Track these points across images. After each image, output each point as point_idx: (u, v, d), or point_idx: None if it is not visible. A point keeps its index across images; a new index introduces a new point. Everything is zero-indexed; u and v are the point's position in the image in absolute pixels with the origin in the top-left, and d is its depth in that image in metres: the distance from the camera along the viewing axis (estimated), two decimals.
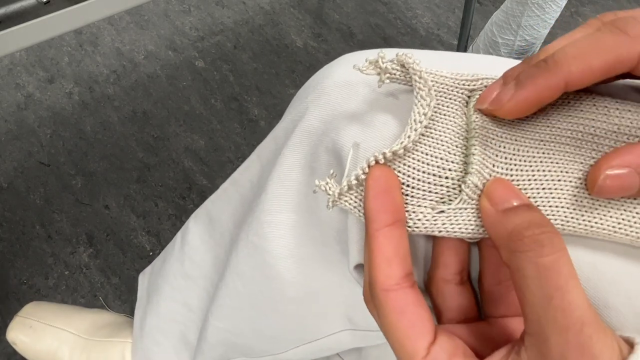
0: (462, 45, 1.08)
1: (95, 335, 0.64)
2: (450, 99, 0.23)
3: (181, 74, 1.15)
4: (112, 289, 0.84)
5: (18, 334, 0.62)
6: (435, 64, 0.25)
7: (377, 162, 0.21)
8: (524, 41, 1.03)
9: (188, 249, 0.50)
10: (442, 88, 0.22)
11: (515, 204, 0.20)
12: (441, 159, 0.22)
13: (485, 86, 0.22)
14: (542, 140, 0.21)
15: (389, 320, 0.20)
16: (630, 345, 0.17)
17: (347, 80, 0.30)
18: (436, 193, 0.22)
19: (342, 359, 0.44)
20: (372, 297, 0.20)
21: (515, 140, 0.22)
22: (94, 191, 0.94)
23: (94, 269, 0.86)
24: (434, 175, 0.22)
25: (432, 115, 0.22)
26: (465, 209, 0.21)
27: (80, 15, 0.51)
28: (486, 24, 1.10)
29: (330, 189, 0.23)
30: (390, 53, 0.24)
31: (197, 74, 1.15)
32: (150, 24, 1.24)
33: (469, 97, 0.23)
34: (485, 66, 0.29)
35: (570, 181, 0.21)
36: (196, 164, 1.00)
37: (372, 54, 0.32)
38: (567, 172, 0.21)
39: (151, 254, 0.89)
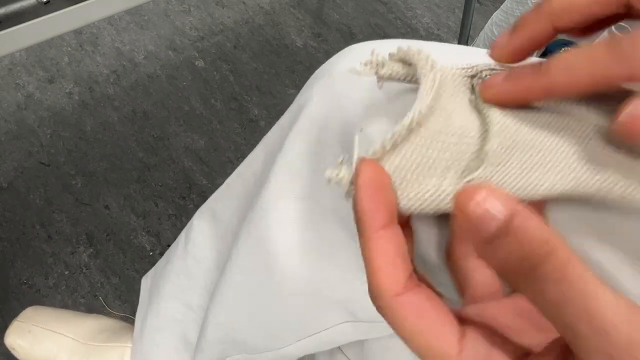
0: (462, 45, 1.08)
1: (94, 340, 0.64)
2: (454, 82, 0.22)
3: (181, 74, 1.15)
4: (112, 289, 0.84)
5: (16, 339, 0.62)
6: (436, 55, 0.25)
7: (393, 140, 0.19)
8: None
9: (191, 247, 0.50)
10: (446, 73, 0.22)
11: (494, 226, 0.15)
12: (459, 126, 0.20)
13: (484, 72, 0.22)
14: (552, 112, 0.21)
15: (408, 327, 0.18)
16: None
17: (353, 69, 0.30)
18: (459, 161, 0.20)
19: (343, 352, 0.43)
20: (382, 306, 0.19)
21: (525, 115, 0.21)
22: (94, 191, 0.94)
23: (94, 269, 0.86)
24: (454, 143, 0.20)
25: (438, 92, 0.21)
26: (488, 177, 0.20)
27: (80, 15, 0.51)
28: (486, 24, 1.10)
29: (342, 178, 0.21)
30: (390, 46, 0.24)
31: (197, 74, 1.15)
32: (150, 24, 1.24)
33: (472, 85, 0.22)
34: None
35: (583, 136, 0.20)
36: (196, 164, 1.00)
37: (379, 45, 0.32)
38: (579, 130, 0.20)
39: (151, 254, 0.89)
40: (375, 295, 0.19)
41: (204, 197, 0.96)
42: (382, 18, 1.34)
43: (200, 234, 0.49)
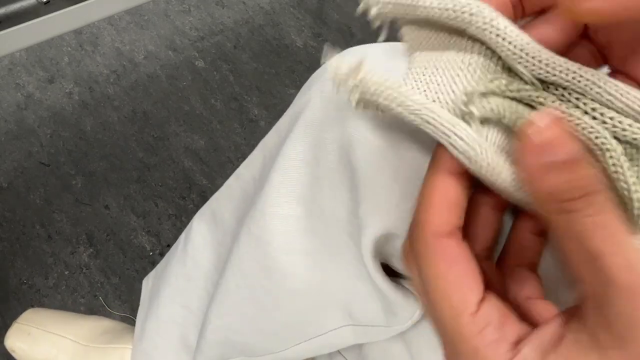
0: None
1: (94, 341, 0.63)
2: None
3: (181, 74, 1.15)
4: (112, 289, 0.84)
5: (16, 341, 0.62)
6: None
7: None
8: None
9: (191, 249, 0.50)
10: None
11: (561, 157, 0.16)
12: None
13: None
14: None
15: (437, 269, 0.18)
16: None
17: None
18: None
19: (343, 356, 0.43)
20: (416, 244, 0.18)
21: None
22: (94, 191, 0.94)
23: (94, 269, 0.86)
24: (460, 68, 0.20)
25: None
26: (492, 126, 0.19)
27: (80, 15, 0.51)
28: None
29: (339, 67, 0.20)
30: (383, 48, 0.23)
31: (197, 74, 1.15)
32: (150, 24, 1.24)
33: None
34: None
35: None
36: (196, 164, 1.00)
37: (375, 48, 0.32)
38: None
39: (151, 254, 0.89)
40: (419, 229, 0.19)
41: (204, 197, 0.96)
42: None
43: (200, 235, 0.49)
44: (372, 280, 0.29)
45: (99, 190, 0.94)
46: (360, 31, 1.29)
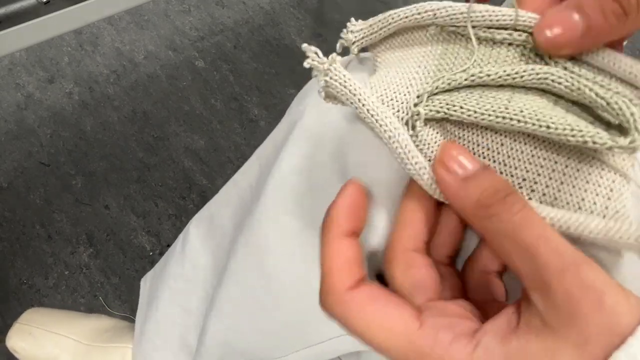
0: None
1: (96, 340, 0.64)
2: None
3: (181, 74, 1.15)
4: (112, 289, 0.84)
5: (18, 341, 0.62)
6: None
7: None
8: None
9: (189, 252, 0.50)
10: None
11: (472, 169, 0.19)
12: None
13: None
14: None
15: (364, 314, 0.19)
16: None
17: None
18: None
19: None
20: (334, 302, 0.20)
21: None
22: (94, 191, 0.94)
23: (94, 269, 0.86)
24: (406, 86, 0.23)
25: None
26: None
27: (80, 15, 0.51)
28: None
29: (319, 64, 0.23)
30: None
31: (197, 74, 1.15)
32: (150, 24, 1.24)
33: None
34: None
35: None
36: (196, 164, 1.00)
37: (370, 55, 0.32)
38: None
39: (151, 254, 0.89)
40: (327, 290, 0.20)
41: (204, 197, 0.96)
42: None
43: (198, 238, 0.49)
44: None
45: (99, 190, 0.94)
46: None
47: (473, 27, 0.22)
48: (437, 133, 0.23)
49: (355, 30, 0.27)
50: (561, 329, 0.16)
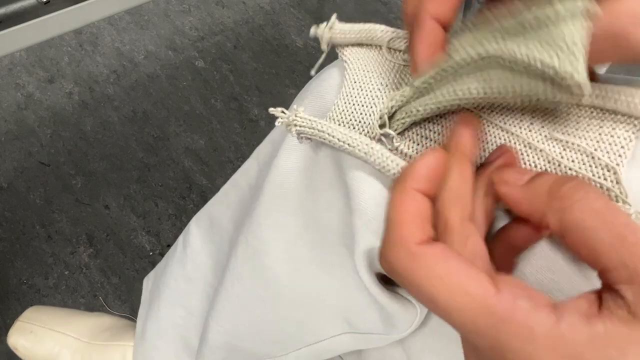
0: None
1: (97, 338, 0.64)
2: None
3: (181, 74, 1.15)
4: (112, 289, 0.84)
5: (19, 339, 0.62)
6: None
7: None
8: None
9: (190, 252, 0.50)
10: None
11: (528, 174, 0.19)
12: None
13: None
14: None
15: (438, 270, 0.17)
16: None
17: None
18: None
19: (342, 358, 0.44)
20: (403, 256, 0.18)
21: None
22: (94, 191, 0.94)
23: (94, 269, 0.86)
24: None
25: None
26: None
27: (80, 15, 0.51)
28: None
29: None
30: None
31: (197, 74, 1.15)
32: (150, 24, 1.24)
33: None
34: None
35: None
36: (196, 164, 1.00)
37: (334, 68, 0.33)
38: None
39: (151, 254, 0.89)
40: (394, 242, 0.19)
41: (204, 197, 0.96)
42: (382, 18, 1.34)
43: (198, 239, 0.49)
44: (369, 292, 0.29)
45: (99, 190, 0.94)
46: None
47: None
48: (414, 143, 0.25)
49: (337, 32, 0.29)
50: None
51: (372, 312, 0.31)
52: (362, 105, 0.27)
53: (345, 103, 0.27)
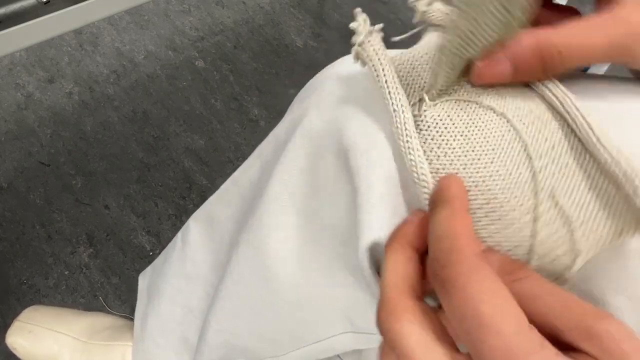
0: None
1: (96, 338, 0.64)
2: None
3: (181, 74, 1.15)
4: (112, 289, 0.84)
5: (17, 339, 0.62)
6: None
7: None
8: None
9: (189, 250, 0.50)
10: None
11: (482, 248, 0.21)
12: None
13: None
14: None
15: (489, 285, 0.17)
16: None
17: (348, 81, 0.30)
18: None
19: (341, 358, 0.44)
20: (456, 266, 0.18)
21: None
22: (94, 191, 0.94)
23: (94, 269, 0.86)
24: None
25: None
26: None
27: (80, 15, 0.51)
28: None
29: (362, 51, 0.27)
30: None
31: (197, 74, 1.15)
32: (150, 24, 1.24)
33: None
34: None
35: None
36: (196, 164, 1.00)
37: None
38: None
39: (151, 254, 0.89)
40: (455, 252, 0.19)
41: (204, 197, 0.96)
42: (382, 18, 1.34)
43: (198, 237, 0.49)
44: (371, 290, 0.29)
45: (99, 190, 0.94)
46: None
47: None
48: (438, 115, 0.25)
49: (433, 11, 0.30)
50: None
51: (373, 312, 0.31)
52: (420, 71, 0.27)
53: (411, 58, 0.28)
